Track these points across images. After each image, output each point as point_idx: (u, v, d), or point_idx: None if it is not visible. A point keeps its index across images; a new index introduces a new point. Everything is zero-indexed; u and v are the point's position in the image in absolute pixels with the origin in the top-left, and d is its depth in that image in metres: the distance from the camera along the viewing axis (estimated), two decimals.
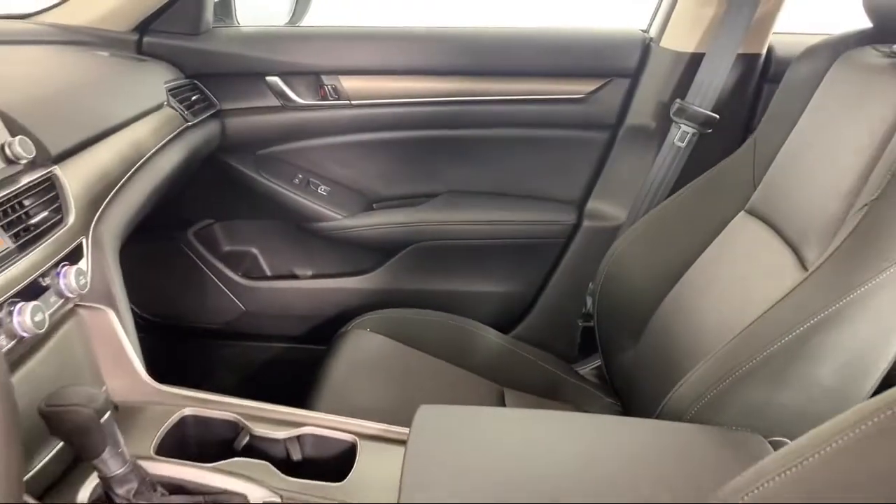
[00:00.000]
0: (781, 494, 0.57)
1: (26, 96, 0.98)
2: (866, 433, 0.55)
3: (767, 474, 0.58)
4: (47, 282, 0.85)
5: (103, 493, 0.77)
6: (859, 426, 0.55)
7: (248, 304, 1.68)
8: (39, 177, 0.89)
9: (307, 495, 0.82)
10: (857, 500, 0.55)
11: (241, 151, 1.60)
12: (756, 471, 0.57)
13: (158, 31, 1.49)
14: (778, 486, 0.57)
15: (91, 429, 0.71)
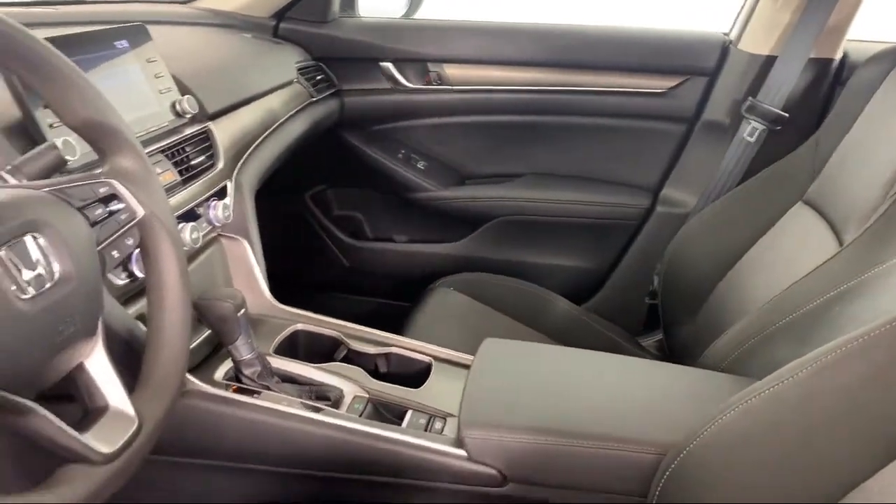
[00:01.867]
0: (739, 422, 0.72)
1: (190, 66, 1.22)
2: (834, 359, 0.69)
3: (730, 406, 0.73)
4: (200, 211, 1.09)
5: (234, 373, 0.99)
6: (808, 366, 0.69)
7: (351, 261, 1.91)
8: (198, 130, 1.13)
9: (388, 395, 1.01)
10: (815, 412, 0.69)
11: (354, 127, 1.82)
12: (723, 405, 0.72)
13: (292, 18, 1.74)
14: (738, 414, 0.72)
15: (230, 319, 0.93)
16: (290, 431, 0.92)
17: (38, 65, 0.65)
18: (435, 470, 0.91)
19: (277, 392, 0.97)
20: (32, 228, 0.59)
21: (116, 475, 0.61)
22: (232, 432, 0.93)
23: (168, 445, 0.95)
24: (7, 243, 0.56)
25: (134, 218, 0.71)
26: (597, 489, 0.88)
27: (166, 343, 0.72)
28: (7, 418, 0.56)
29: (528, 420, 0.90)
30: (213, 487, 1.01)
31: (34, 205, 0.61)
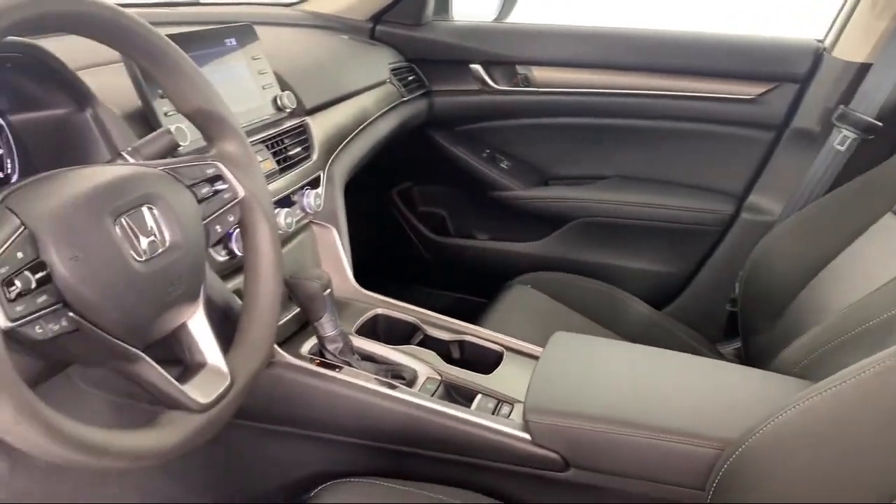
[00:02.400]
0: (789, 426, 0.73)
1: (291, 64, 1.31)
2: (875, 373, 0.70)
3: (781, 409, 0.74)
4: (295, 198, 1.17)
5: (318, 349, 1.06)
6: (871, 367, 0.70)
7: (432, 255, 1.98)
8: (296, 123, 1.21)
9: (460, 378, 1.06)
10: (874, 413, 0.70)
11: (442, 126, 1.89)
12: None
13: (388, 21, 1.82)
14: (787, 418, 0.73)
15: (317, 297, 1.00)
16: (366, 405, 0.98)
17: (159, 57, 0.74)
18: (499, 450, 0.95)
19: (357, 368, 1.04)
20: (148, 201, 0.67)
21: (210, 424, 0.69)
22: (314, 403, 1.00)
23: (257, 413, 1.04)
24: (127, 212, 0.65)
25: (236, 197, 0.79)
26: (655, 479, 0.91)
27: (259, 311, 0.80)
28: (120, 364, 0.65)
29: (592, 408, 0.93)
30: (295, 455, 1.08)
31: (151, 181, 0.69)
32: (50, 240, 0.58)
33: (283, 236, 1.13)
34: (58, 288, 0.58)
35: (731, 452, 0.81)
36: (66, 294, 0.59)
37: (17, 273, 0.55)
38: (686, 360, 1.07)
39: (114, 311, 0.62)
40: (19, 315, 0.55)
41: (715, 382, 1.00)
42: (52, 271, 0.58)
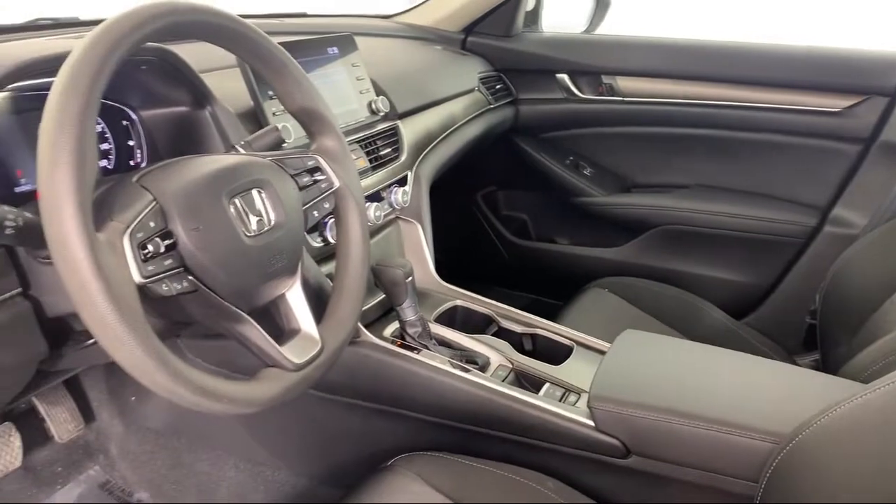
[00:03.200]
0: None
1: (386, 71, 1.42)
2: None
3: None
4: (384, 195, 1.27)
5: (399, 332, 1.15)
6: None
7: (512, 257, 2.04)
8: (388, 126, 1.31)
9: (530, 367, 1.13)
10: None
11: (527, 133, 1.96)
12: None
13: (480, 32, 1.91)
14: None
15: (400, 283, 1.09)
16: (441, 385, 1.06)
17: (270, 61, 0.84)
18: (564, 435, 1.01)
19: (434, 352, 1.12)
20: (258, 185, 0.78)
21: (301, 382, 0.79)
22: (394, 380, 1.09)
23: (342, 388, 1.14)
24: (240, 194, 0.75)
25: (332, 187, 0.89)
26: (712, 469, 0.94)
27: (348, 289, 0.89)
28: (228, 324, 0.75)
29: (654, 399, 0.97)
30: (374, 429, 1.18)
31: (261, 168, 0.80)
32: (176, 213, 0.69)
33: (372, 228, 1.23)
34: (181, 254, 0.69)
35: (784, 446, 0.84)
36: (187, 259, 0.69)
37: (149, 239, 0.66)
38: (748, 359, 1.10)
39: (225, 277, 0.72)
40: (150, 273, 0.66)
41: (774, 381, 1.03)
42: (177, 239, 0.69)
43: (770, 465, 0.86)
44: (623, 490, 1.02)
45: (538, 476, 1.00)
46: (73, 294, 0.60)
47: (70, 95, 0.61)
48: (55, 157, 0.59)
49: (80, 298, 0.60)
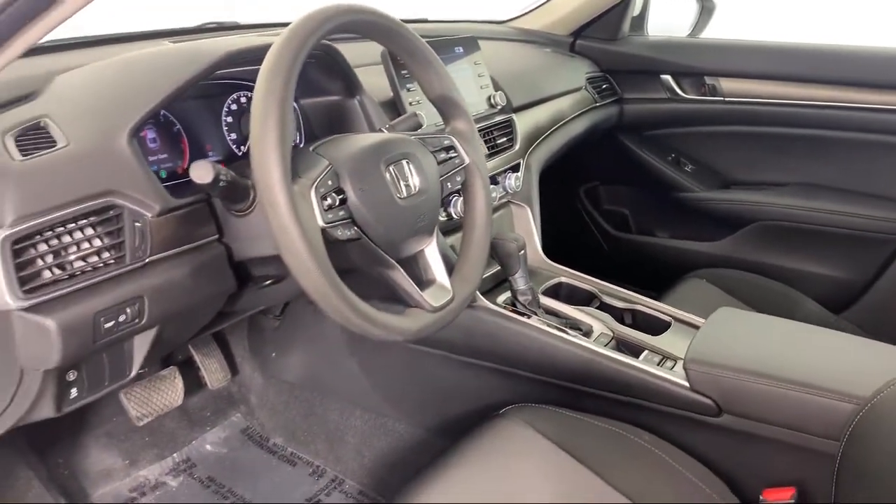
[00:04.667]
0: None
1: (504, 70, 1.56)
2: None
3: None
4: (499, 179, 1.41)
5: (511, 300, 1.29)
6: None
7: (612, 250, 2.15)
8: (504, 118, 1.46)
9: (630, 336, 1.24)
10: None
11: (630, 131, 2.06)
12: None
13: (588, 36, 2.03)
14: None
15: (513, 255, 1.23)
16: (549, 346, 1.19)
17: (416, 54, 1.00)
18: (660, 393, 1.12)
19: (541, 317, 1.25)
20: (407, 157, 0.93)
21: (437, 321, 0.93)
22: (506, 341, 1.23)
23: (460, 347, 1.28)
24: (394, 163, 0.91)
25: (463, 163, 1.03)
26: (797, 428, 1.03)
27: (472, 250, 1.04)
28: (382, 270, 0.91)
29: (745, 362, 1.07)
30: (486, 384, 1.31)
31: (409, 143, 0.95)
32: (347, 175, 0.86)
33: None
34: (350, 208, 0.85)
35: (863, 406, 0.93)
36: (354, 213, 0.86)
37: (327, 194, 0.83)
38: (833, 333, 1.17)
39: (382, 230, 0.88)
40: (329, 220, 0.82)
41: (857, 350, 1.10)
42: (347, 196, 0.85)
43: (850, 425, 0.94)
44: (713, 446, 1.12)
45: (635, 430, 1.11)
46: (274, 229, 0.77)
47: (276, 76, 0.78)
48: (265, 126, 0.76)
49: (279, 233, 0.76)
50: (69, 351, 0.75)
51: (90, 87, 0.92)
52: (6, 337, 0.74)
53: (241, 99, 1.11)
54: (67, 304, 0.76)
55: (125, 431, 1.43)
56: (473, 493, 0.96)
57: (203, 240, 0.91)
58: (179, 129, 1.03)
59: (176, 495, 1.40)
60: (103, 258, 0.79)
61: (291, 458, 1.51)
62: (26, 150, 0.78)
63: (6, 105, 0.85)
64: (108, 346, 0.83)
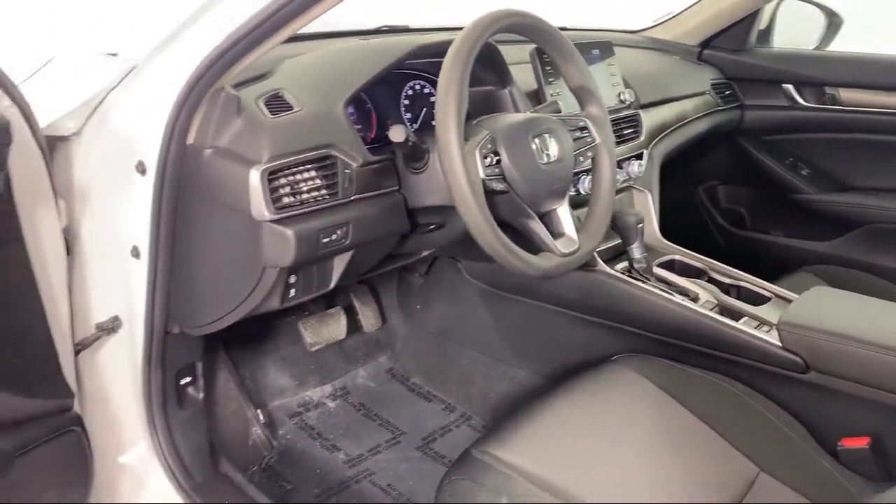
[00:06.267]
0: None
1: (634, 71, 1.76)
2: None
3: None
4: (623, 165, 1.62)
5: (628, 267, 1.49)
6: None
7: (727, 245, 2.29)
8: (631, 113, 1.67)
9: (731, 304, 1.41)
10: None
11: (751, 135, 2.21)
12: None
13: (715, 46, 2.19)
14: None
15: (632, 227, 1.44)
16: (658, 306, 1.39)
17: (562, 50, 1.23)
18: (754, 350, 1.29)
19: (654, 282, 1.45)
20: (550, 131, 1.17)
21: (565, 265, 1.16)
22: (620, 300, 1.43)
23: (578, 305, 1.50)
24: (539, 135, 1.15)
25: (594, 142, 1.26)
26: (877, 386, 1.17)
27: (597, 214, 1.26)
28: (523, 220, 1.14)
29: (833, 326, 1.22)
30: (598, 339, 1.51)
31: (552, 121, 1.19)
32: (501, 141, 1.10)
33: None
34: (502, 167, 1.10)
35: None
36: (505, 171, 1.10)
37: (487, 154, 1.08)
38: None
39: (526, 187, 1.12)
40: (486, 174, 1.07)
41: None
42: (501, 158, 1.10)
43: None
44: (798, 399, 1.27)
45: (731, 381, 1.29)
46: (447, 176, 1.02)
47: (457, 63, 1.04)
48: (447, 102, 1.02)
49: (451, 179, 1.02)
50: (300, 253, 1.03)
51: (313, 68, 1.21)
52: (256, 241, 1.04)
53: (416, 86, 1.39)
54: (300, 221, 1.04)
55: (296, 359, 1.74)
56: (581, 423, 1.14)
57: (388, 189, 1.18)
58: (370, 106, 1.31)
59: (333, 413, 1.70)
60: (322, 193, 1.08)
61: (428, 395, 1.78)
62: (273, 111, 1.07)
63: (253, 80, 1.15)
64: (320, 259, 1.12)
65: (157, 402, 1.20)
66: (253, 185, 1.00)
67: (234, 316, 1.14)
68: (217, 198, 1.06)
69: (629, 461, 1.07)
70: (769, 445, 1.17)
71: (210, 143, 1.04)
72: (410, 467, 1.55)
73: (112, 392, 1.20)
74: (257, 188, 1.00)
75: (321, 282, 1.17)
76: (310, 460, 1.56)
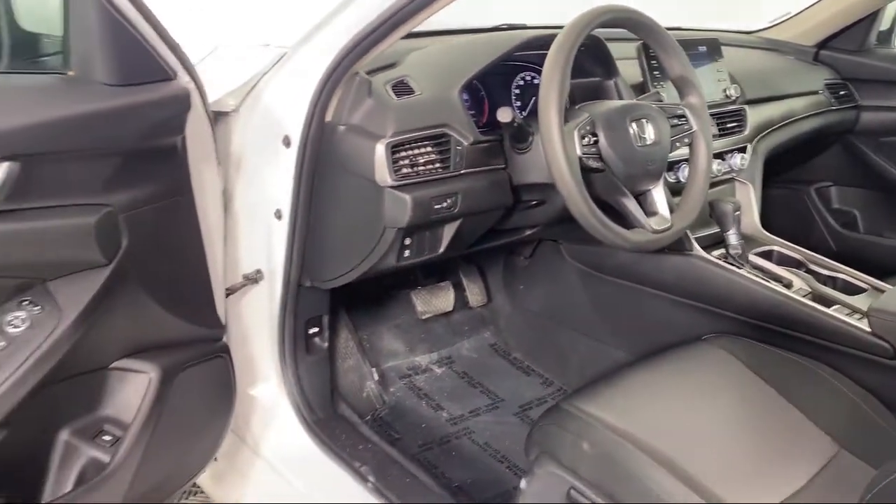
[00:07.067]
0: None
1: (741, 68, 1.81)
2: None
3: None
4: (726, 157, 1.68)
5: (724, 254, 1.55)
6: None
7: (839, 248, 2.26)
8: (736, 108, 1.72)
9: (824, 292, 1.45)
10: None
11: (867, 136, 2.18)
12: None
13: (832, 46, 2.19)
14: None
15: (728, 214, 1.50)
16: (750, 290, 1.44)
17: (664, 43, 1.32)
18: (843, 335, 1.33)
19: (749, 269, 1.51)
20: (646, 117, 1.26)
21: (655, 241, 1.26)
22: (715, 284, 1.49)
23: (672, 287, 1.58)
24: (636, 120, 1.25)
25: (691, 129, 1.34)
26: None
27: (692, 195, 1.34)
28: (618, 197, 1.25)
29: None
30: (689, 319, 1.56)
31: (649, 108, 1.29)
32: (600, 124, 1.21)
33: (713, 181, 1.65)
34: (599, 147, 1.21)
35: None
36: (602, 151, 1.21)
37: (585, 135, 1.19)
38: None
39: (622, 166, 1.22)
40: (583, 152, 1.18)
41: None
42: (599, 139, 1.21)
43: None
44: (885, 383, 1.30)
45: (818, 364, 1.33)
46: (547, 154, 1.14)
47: (560, 52, 1.16)
48: (550, 87, 1.15)
49: (551, 157, 1.14)
50: (415, 215, 1.19)
51: (434, 59, 1.37)
52: (379, 204, 1.20)
53: (526, 77, 1.52)
54: (416, 189, 1.20)
55: (408, 327, 1.90)
56: (665, 389, 1.22)
57: (495, 166, 1.31)
58: (483, 94, 1.45)
59: (439, 378, 1.85)
60: (436, 166, 1.23)
61: (527, 370, 1.90)
62: (398, 94, 1.24)
63: (382, 68, 1.32)
64: (431, 225, 1.27)
65: (289, 346, 1.39)
66: (378, 155, 1.17)
67: (358, 271, 1.31)
68: (348, 167, 1.23)
69: (707, 424, 1.14)
70: (852, 427, 1.20)
71: (344, 121, 1.22)
72: (507, 430, 1.68)
73: (251, 334, 1.40)
74: (382, 158, 1.16)
75: (432, 246, 1.32)
76: (416, 416, 1.71)
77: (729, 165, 1.69)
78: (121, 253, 0.97)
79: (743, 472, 1.06)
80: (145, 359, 1.07)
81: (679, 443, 1.08)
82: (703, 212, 1.48)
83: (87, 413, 1.05)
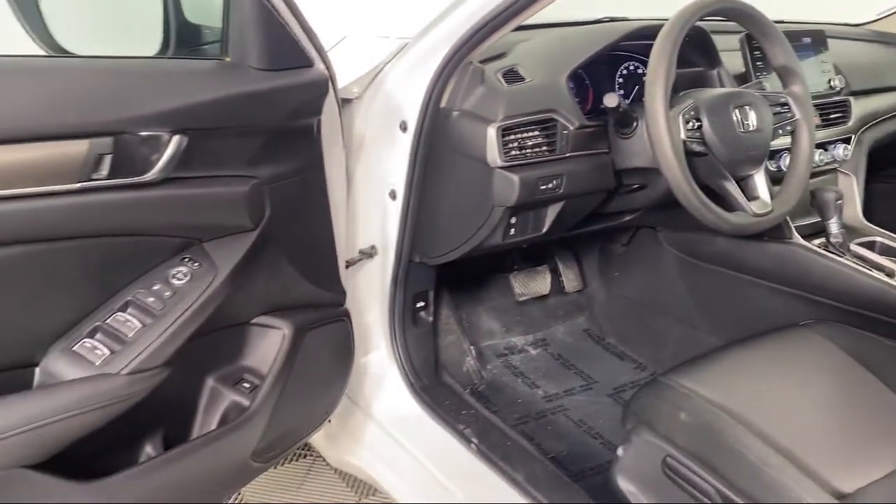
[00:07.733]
0: None
1: (848, 60, 1.80)
2: None
3: None
4: (829, 147, 1.68)
5: (824, 243, 1.56)
6: None
7: None
8: (841, 99, 1.72)
9: None
10: None
11: None
12: None
13: None
14: None
15: (830, 203, 1.51)
16: (850, 277, 1.45)
17: (768, 33, 1.36)
18: None
19: (850, 257, 1.51)
20: (749, 104, 1.30)
21: (755, 224, 1.30)
22: (814, 271, 1.50)
23: (768, 273, 1.59)
24: (739, 107, 1.29)
25: (794, 118, 1.37)
26: None
27: (793, 182, 1.37)
28: (719, 181, 1.29)
29: None
30: (784, 306, 1.58)
31: (754, 96, 1.32)
32: (704, 109, 1.26)
33: (816, 170, 1.66)
34: (702, 132, 1.26)
35: None
36: (705, 136, 1.26)
37: (689, 119, 1.24)
38: None
39: (724, 151, 1.27)
40: (687, 136, 1.24)
41: None
42: (702, 124, 1.26)
43: None
44: None
45: None
46: (652, 137, 1.20)
47: (667, 40, 1.22)
48: (657, 73, 1.21)
49: (656, 139, 1.20)
50: (522, 195, 1.27)
51: (542, 49, 1.45)
52: (488, 184, 1.29)
53: (630, 67, 1.57)
54: (524, 170, 1.28)
55: (505, 308, 1.99)
56: (762, 370, 1.24)
57: (599, 150, 1.38)
58: (588, 82, 1.52)
59: (534, 359, 1.93)
60: (543, 149, 1.31)
61: (621, 354, 1.95)
62: (508, 81, 1.32)
63: (494, 58, 1.41)
64: (536, 205, 1.35)
65: (398, 317, 1.50)
66: (490, 138, 1.26)
67: (464, 248, 1.41)
68: (460, 150, 1.32)
69: (804, 403, 1.17)
70: None
71: (458, 107, 1.31)
72: (601, 409, 1.74)
73: (364, 304, 1.52)
74: (493, 141, 1.25)
75: (535, 226, 1.40)
76: (513, 392, 1.80)
77: (832, 156, 1.69)
78: (265, 220, 1.10)
79: (839, 449, 1.09)
80: (281, 316, 1.19)
81: (775, 417, 1.12)
82: (804, 200, 1.50)
83: (230, 363, 1.19)
